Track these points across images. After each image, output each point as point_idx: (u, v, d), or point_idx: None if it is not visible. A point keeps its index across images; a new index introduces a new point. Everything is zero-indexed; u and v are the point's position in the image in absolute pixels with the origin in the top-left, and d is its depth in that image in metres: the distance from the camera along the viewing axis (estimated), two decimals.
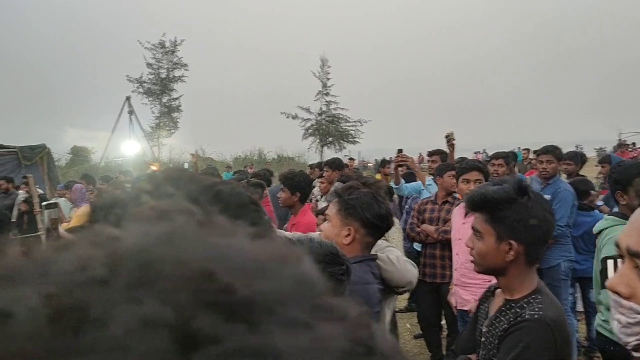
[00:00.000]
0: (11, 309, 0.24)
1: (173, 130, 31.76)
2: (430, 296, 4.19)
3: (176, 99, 31.72)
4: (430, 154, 5.94)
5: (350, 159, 19.18)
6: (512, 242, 1.54)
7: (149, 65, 31.00)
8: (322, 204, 5.31)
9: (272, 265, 0.29)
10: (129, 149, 22.13)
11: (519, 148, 17.10)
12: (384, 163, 8.74)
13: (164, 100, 31.39)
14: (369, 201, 1.85)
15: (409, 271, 2.11)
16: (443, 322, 4.50)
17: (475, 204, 1.63)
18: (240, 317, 0.25)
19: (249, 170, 13.04)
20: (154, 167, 13.81)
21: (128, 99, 24.67)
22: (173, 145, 31.00)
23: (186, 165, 17.50)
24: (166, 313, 0.24)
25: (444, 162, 5.05)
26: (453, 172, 4.09)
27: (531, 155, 13.78)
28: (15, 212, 7.51)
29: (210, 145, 41.25)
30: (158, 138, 30.32)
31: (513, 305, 1.57)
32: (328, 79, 33.87)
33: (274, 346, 0.24)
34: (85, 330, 0.23)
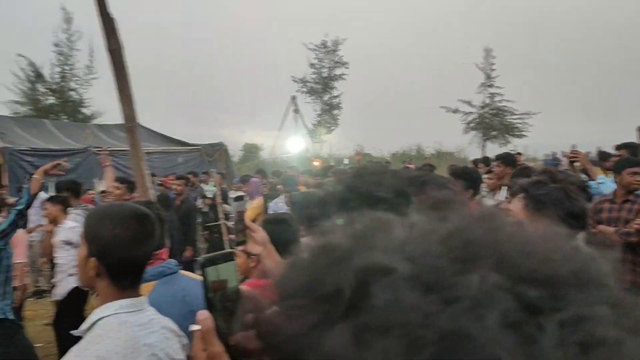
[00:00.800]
0: (392, 265, 0.30)
1: (333, 127, 32.95)
2: None
3: (337, 96, 32.83)
4: (618, 147, 5.32)
5: (518, 153, 18.00)
6: None
7: (312, 65, 32.54)
8: (487, 201, 5.06)
9: (573, 251, 0.32)
10: (294, 145, 23.49)
11: None
12: (604, 156, 6.49)
13: (325, 98, 32.68)
14: (561, 197, 1.70)
15: None
16: None
17: None
18: (561, 291, 0.28)
19: (409, 166, 12.95)
20: (316, 163, 14.49)
21: (294, 98, 26.25)
22: (333, 141, 32.16)
23: (346, 161, 18.03)
24: (505, 282, 0.28)
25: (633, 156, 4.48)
26: (634, 169, 3.63)
27: None
28: (200, 203, 8.44)
29: (368, 141, 41.93)
30: (320, 135, 31.67)
31: None
32: (492, 69, 32.17)
33: (606, 319, 0.27)
34: (447, 290, 0.28)
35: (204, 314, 0.71)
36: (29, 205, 3.85)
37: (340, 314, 0.29)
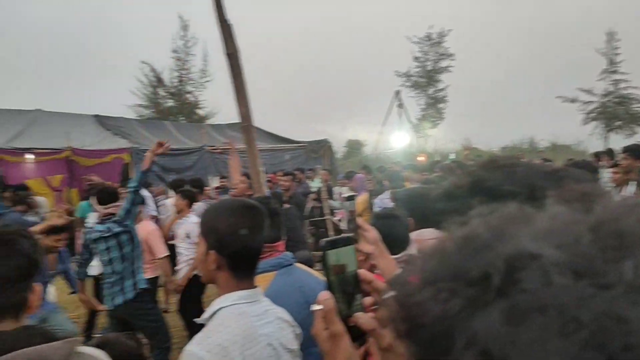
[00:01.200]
0: (540, 251, 0.31)
1: (438, 121, 32.08)
2: None
3: (442, 89, 31.93)
4: None
5: None
6: None
7: (416, 58, 31.89)
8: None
9: None
10: (398, 140, 23.25)
11: None
12: None
13: (430, 91, 31.90)
14: None
15: None
16: None
17: None
18: None
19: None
20: (421, 159, 14.22)
21: (397, 92, 26.00)
22: (438, 135, 31.33)
23: (452, 156, 17.49)
24: None
25: None
26: None
27: None
28: (307, 199, 8.64)
29: (476, 134, 40.34)
30: (424, 129, 31.02)
31: None
32: (616, 54, 29.42)
33: None
34: (600, 276, 0.29)
35: (325, 295, 0.72)
36: (142, 182, 4.20)
37: (489, 297, 0.30)
